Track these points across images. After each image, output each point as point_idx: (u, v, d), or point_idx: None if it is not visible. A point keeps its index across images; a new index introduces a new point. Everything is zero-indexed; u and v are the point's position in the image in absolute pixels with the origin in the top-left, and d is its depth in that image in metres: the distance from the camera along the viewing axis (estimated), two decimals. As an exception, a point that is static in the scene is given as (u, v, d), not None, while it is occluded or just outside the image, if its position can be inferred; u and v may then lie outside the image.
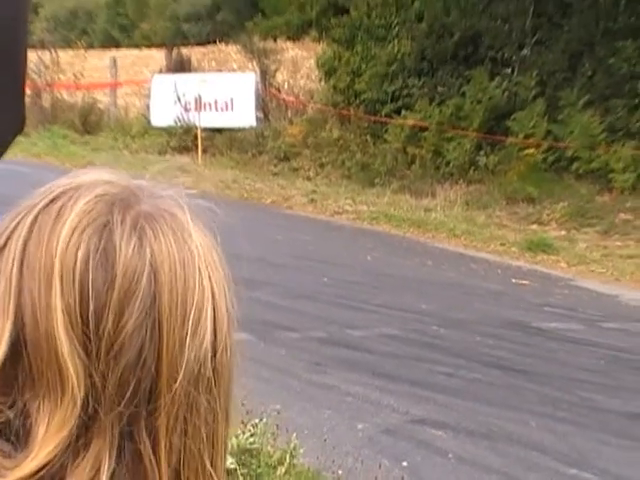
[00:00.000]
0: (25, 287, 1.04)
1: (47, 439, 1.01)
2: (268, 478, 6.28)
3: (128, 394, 1.03)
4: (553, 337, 11.91)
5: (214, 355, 1.09)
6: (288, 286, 13.44)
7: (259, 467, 6.42)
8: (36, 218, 1.07)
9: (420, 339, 11.46)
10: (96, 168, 1.17)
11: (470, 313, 12.75)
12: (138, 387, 1.04)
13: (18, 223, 1.08)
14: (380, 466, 7.04)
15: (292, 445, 6.77)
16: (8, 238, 1.07)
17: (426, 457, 8.16)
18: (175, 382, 1.05)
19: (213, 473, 1.10)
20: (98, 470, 1.02)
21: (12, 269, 1.05)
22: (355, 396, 9.54)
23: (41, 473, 1.01)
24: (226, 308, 1.13)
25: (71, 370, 1.02)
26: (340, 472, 6.87)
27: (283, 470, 6.40)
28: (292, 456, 6.66)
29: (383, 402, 9.38)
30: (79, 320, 1.02)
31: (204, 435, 1.09)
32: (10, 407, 1.04)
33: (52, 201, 1.08)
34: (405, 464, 7.74)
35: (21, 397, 1.04)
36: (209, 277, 1.10)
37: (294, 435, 6.89)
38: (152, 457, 1.05)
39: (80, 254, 1.03)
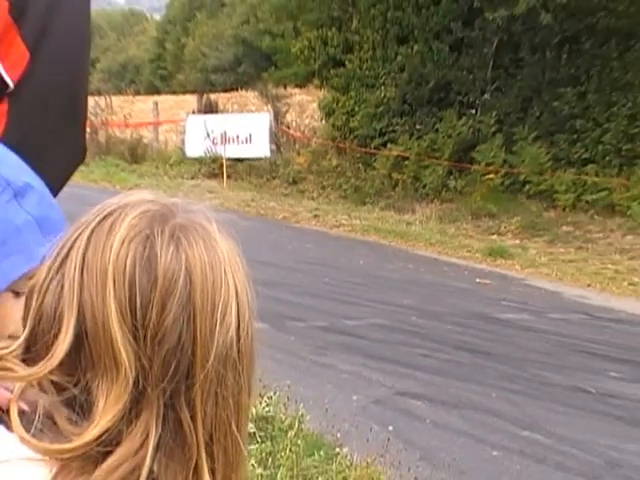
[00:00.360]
0: (85, 288, 1.06)
1: (106, 411, 1.03)
2: (281, 440, 6.26)
3: (170, 373, 1.05)
4: (509, 325, 11.89)
5: (238, 340, 1.11)
6: (296, 285, 13.43)
7: (273, 431, 6.41)
8: (92, 232, 1.09)
9: (402, 327, 11.44)
10: (139, 190, 1.18)
11: (443, 306, 12.73)
12: (178, 367, 1.05)
13: (78, 236, 1.10)
14: (371, 430, 7.03)
15: (300, 413, 6.76)
16: (70, 248, 1.09)
17: (408, 423, 8.14)
18: (207, 362, 1.06)
19: (238, 435, 1.11)
20: (147, 435, 1.04)
21: (74, 274, 1.07)
22: (351, 373, 9.52)
23: (102, 438, 1.03)
24: (247, 302, 1.14)
25: (124, 355, 1.03)
26: (338, 435, 6.85)
27: (293, 433, 6.38)
28: (300, 422, 6.65)
29: (373, 378, 9.35)
30: (129, 314, 1.04)
31: (231, 404, 1.10)
32: (75, 385, 1.06)
33: (105, 218, 1.10)
34: (391, 428, 7.71)
35: (83, 377, 1.05)
36: (233, 277, 1.11)
37: (301, 405, 6.89)
38: (190, 423, 1.06)
39: (129, 261, 1.05)
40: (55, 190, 1.67)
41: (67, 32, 1.76)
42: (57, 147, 1.76)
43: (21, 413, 1.06)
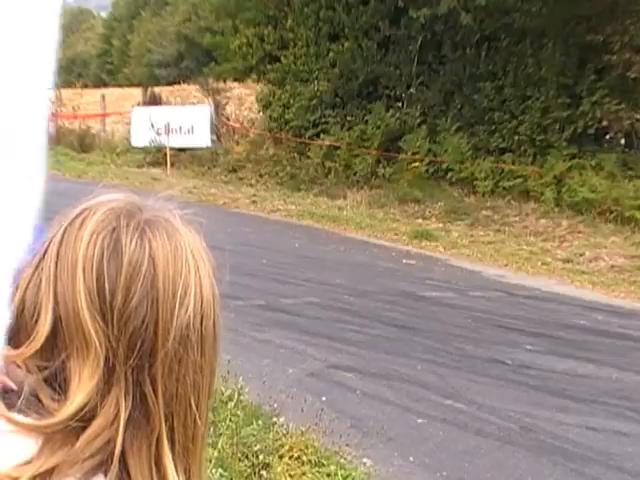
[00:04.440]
0: (59, 278, 1.10)
1: (81, 387, 1.07)
2: (221, 411, 6.25)
3: (135, 351, 1.08)
4: (434, 303, 11.98)
5: (200, 323, 1.13)
6: (236, 266, 13.29)
7: (215, 402, 6.39)
8: (66, 229, 1.13)
9: (335, 305, 11.47)
10: (111, 191, 1.21)
11: (372, 285, 12.78)
12: (142, 346, 1.08)
13: (54, 233, 1.14)
14: (305, 400, 7.03)
15: (239, 386, 6.75)
16: (48, 244, 1.14)
17: (339, 393, 8.17)
18: (168, 342, 1.09)
19: (197, 414, 1.14)
20: (119, 409, 1.07)
21: (50, 266, 1.11)
22: (287, 348, 9.53)
23: (81, 412, 1.06)
24: (210, 290, 1.17)
25: (93, 336, 1.07)
26: (275, 405, 6.85)
27: (232, 404, 6.37)
28: (239, 394, 6.64)
29: (308, 353, 9.37)
30: (97, 299, 1.08)
31: (190, 383, 1.12)
32: (53, 365, 1.09)
33: (77, 216, 1.14)
34: (324, 399, 7.74)
35: (60, 358, 1.09)
36: (195, 266, 1.15)
37: (240, 378, 6.87)
38: (153, 397, 1.09)
39: (96, 251, 1.09)
40: None
41: None
42: None
43: (10, 391, 1.09)
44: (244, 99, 27.96)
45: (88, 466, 1.05)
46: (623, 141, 19.09)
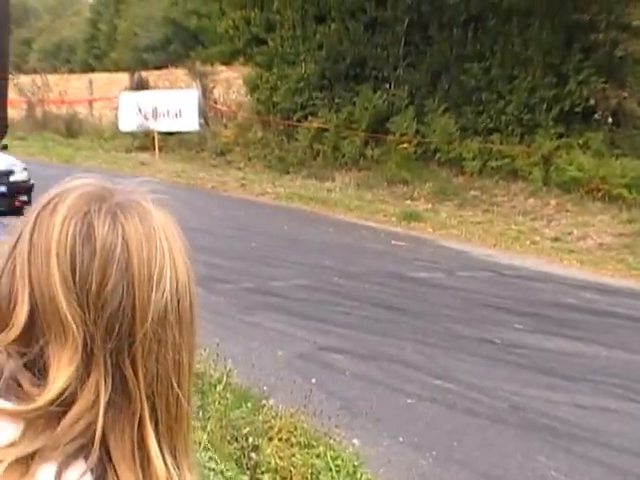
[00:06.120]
0: (33, 265, 1.09)
1: (60, 373, 1.07)
2: (210, 394, 6.24)
3: (114, 335, 1.07)
4: (423, 283, 12.00)
5: (178, 304, 1.13)
6: (225, 249, 13.37)
7: (203, 386, 6.39)
8: (38, 214, 1.12)
9: (324, 287, 11.48)
10: (83, 176, 1.19)
11: (361, 267, 12.79)
12: (120, 328, 1.08)
13: (27, 222, 1.13)
14: (294, 382, 7.03)
15: (228, 368, 6.74)
16: (20, 233, 1.13)
17: (329, 375, 8.19)
18: (146, 323, 1.08)
19: (179, 392, 1.13)
20: (98, 393, 1.07)
21: (24, 252, 1.11)
22: (276, 330, 9.54)
23: (61, 397, 1.06)
24: (186, 270, 1.17)
25: (70, 321, 1.06)
26: (265, 388, 6.85)
27: (222, 387, 6.36)
28: (228, 377, 6.63)
29: (297, 335, 9.38)
30: (72, 284, 1.07)
31: (171, 362, 1.12)
32: (32, 351, 1.09)
33: (48, 202, 1.13)
34: (314, 381, 7.74)
35: (37, 344, 1.08)
36: (169, 247, 1.13)
37: (229, 361, 6.86)
38: (133, 379, 1.09)
39: (69, 236, 1.08)
40: None
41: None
42: None
43: None
44: (232, 82, 27.87)
45: (69, 450, 1.05)
46: (610, 119, 19.10)
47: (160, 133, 24.99)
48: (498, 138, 19.43)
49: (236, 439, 5.75)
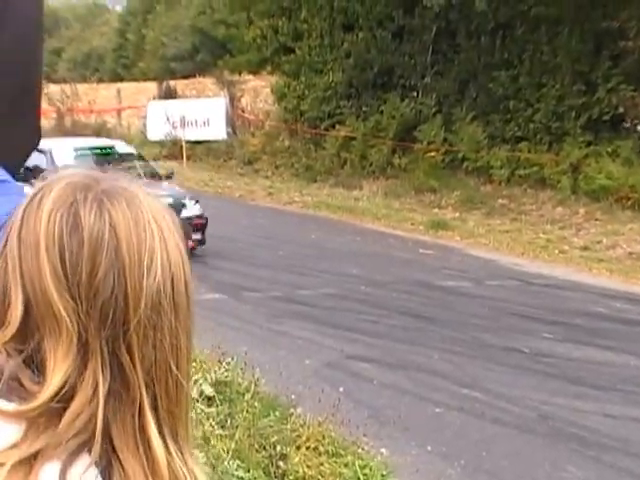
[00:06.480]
0: (23, 260, 1.09)
1: (57, 368, 1.06)
2: (238, 402, 6.26)
3: (108, 322, 1.07)
4: (450, 292, 11.97)
5: (171, 287, 1.12)
6: (252, 258, 13.40)
7: (231, 394, 6.41)
8: (25, 210, 1.12)
9: (352, 296, 11.47)
10: (69, 168, 1.19)
11: (389, 276, 12.78)
12: (114, 316, 1.07)
13: (15, 218, 1.13)
14: (322, 391, 7.03)
15: (256, 377, 6.76)
16: (10, 228, 1.13)
17: (357, 384, 8.18)
18: (139, 309, 1.08)
19: (178, 374, 1.13)
20: (97, 384, 1.07)
21: (14, 248, 1.10)
22: (303, 339, 9.54)
23: (60, 393, 1.05)
24: (178, 252, 1.14)
25: (63, 313, 1.06)
26: (293, 396, 6.86)
27: (249, 396, 6.38)
28: (256, 385, 6.65)
29: (324, 343, 9.39)
30: (62, 276, 1.07)
31: (168, 346, 1.11)
32: (29, 347, 1.08)
33: (34, 196, 1.13)
34: (341, 389, 7.75)
35: (34, 339, 1.08)
36: (160, 231, 1.12)
37: (257, 369, 6.88)
38: (131, 366, 1.08)
39: (56, 228, 1.08)
40: (13, 172, 1.67)
41: (21, 23, 1.74)
42: (10, 131, 1.74)
43: None
44: (259, 91, 27.99)
45: (72, 446, 1.05)
46: (639, 127, 18.98)
47: (188, 142, 25.08)
48: (526, 146, 19.35)
49: (264, 448, 5.76)
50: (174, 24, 40.00)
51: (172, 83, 30.94)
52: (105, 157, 13.42)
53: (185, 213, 12.63)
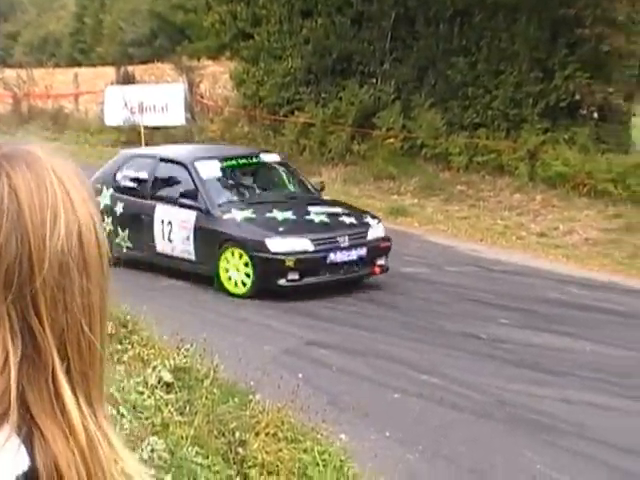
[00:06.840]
0: None
1: None
2: (197, 389, 6.25)
3: (13, 287, 1.04)
4: (409, 278, 12.01)
5: (80, 247, 1.09)
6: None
7: (190, 381, 6.39)
8: None
9: (311, 282, 11.47)
10: None
11: (348, 262, 12.77)
12: (19, 279, 1.04)
13: None
14: (282, 377, 7.04)
15: (215, 363, 6.74)
16: None
17: (316, 370, 8.20)
18: (43, 270, 1.05)
19: (91, 335, 1.10)
20: (7, 352, 1.04)
21: None
22: (262, 325, 9.54)
23: None
24: (87, 211, 1.11)
25: None
26: (252, 383, 6.85)
27: (208, 382, 6.37)
28: (215, 371, 6.64)
29: (283, 330, 9.39)
30: None
31: (79, 307, 1.08)
32: None
33: None
34: (300, 376, 7.76)
35: None
36: (64, 188, 1.09)
37: (216, 356, 6.86)
38: (40, 329, 1.05)
39: None
40: None
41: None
42: None
43: None
44: (218, 77, 27.82)
45: None
46: (596, 115, 19.13)
47: (146, 127, 24.85)
48: (484, 133, 19.41)
49: (223, 434, 5.75)
50: (132, 8, 39.70)
51: (130, 68, 30.66)
52: (251, 167, 13.13)
53: (371, 235, 11.59)
